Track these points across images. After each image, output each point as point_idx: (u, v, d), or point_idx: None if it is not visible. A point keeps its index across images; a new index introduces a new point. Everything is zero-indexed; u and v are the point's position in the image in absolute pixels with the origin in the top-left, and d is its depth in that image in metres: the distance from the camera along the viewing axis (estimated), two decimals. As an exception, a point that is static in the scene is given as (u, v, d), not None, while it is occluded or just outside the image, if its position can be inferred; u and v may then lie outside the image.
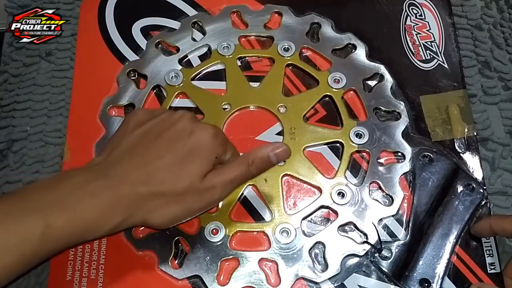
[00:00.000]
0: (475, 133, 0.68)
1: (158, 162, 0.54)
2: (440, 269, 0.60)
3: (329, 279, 0.61)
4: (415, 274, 0.60)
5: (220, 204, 0.63)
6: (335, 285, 0.61)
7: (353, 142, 0.66)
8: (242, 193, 0.64)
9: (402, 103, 0.68)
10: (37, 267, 0.52)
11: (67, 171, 0.54)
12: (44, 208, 0.49)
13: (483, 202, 0.64)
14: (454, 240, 0.62)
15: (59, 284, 0.61)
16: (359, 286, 0.60)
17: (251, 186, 0.65)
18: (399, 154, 0.66)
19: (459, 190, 0.64)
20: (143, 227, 0.62)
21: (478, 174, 0.66)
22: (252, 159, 0.58)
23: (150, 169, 0.54)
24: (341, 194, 0.64)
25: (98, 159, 0.57)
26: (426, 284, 0.60)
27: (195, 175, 0.55)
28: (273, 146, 0.59)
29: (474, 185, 0.64)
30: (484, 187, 0.65)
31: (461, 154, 0.67)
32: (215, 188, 0.56)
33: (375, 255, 0.61)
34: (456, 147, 0.67)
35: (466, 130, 0.68)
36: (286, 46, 0.72)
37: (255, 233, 0.63)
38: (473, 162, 0.66)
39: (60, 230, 0.49)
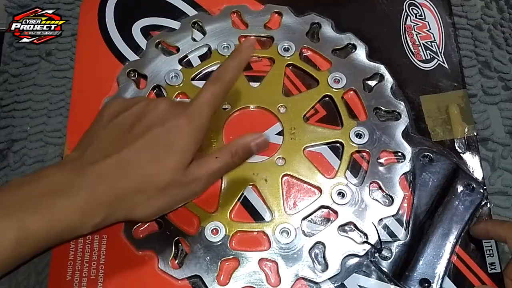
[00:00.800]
0: (475, 133, 0.68)
1: (135, 158, 0.53)
2: (440, 269, 0.60)
3: (329, 279, 0.60)
4: (415, 274, 0.60)
5: (220, 206, 0.64)
6: (335, 285, 0.61)
7: (353, 142, 0.66)
8: (242, 193, 0.64)
9: (402, 103, 0.68)
10: (15, 269, 0.51)
11: (42, 169, 0.52)
12: (19, 210, 0.48)
13: (483, 202, 0.64)
14: (454, 240, 0.62)
15: (59, 284, 0.61)
16: (359, 286, 0.60)
17: (251, 186, 0.65)
18: (399, 154, 0.66)
19: (459, 190, 0.64)
20: (143, 227, 0.62)
21: (478, 174, 0.66)
22: (235, 150, 0.56)
23: (127, 166, 0.52)
24: (341, 194, 0.64)
25: (74, 155, 0.55)
26: (426, 284, 0.60)
27: (176, 169, 0.53)
28: (253, 136, 0.58)
29: (474, 185, 0.64)
30: (484, 187, 0.65)
31: (461, 154, 0.67)
32: (199, 179, 0.55)
33: (375, 255, 0.61)
34: (456, 147, 0.67)
35: (466, 130, 0.68)
36: (286, 46, 0.72)
37: (255, 233, 0.63)
38: (473, 162, 0.66)
39: (36, 232, 0.48)
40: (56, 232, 0.49)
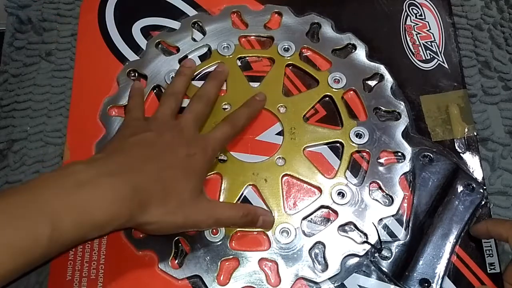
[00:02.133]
0: (475, 133, 0.68)
1: (160, 173, 0.56)
2: (440, 269, 0.60)
3: (329, 279, 0.60)
4: (415, 274, 0.60)
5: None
6: (335, 285, 0.61)
7: (353, 142, 0.66)
8: (242, 193, 0.64)
9: (402, 103, 0.68)
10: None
11: (69, 165, 0.53)
12: (51, 209, 0.47)
13: (483, 202, 0.64)
14: (454, 240, 0.62)
15: (59, 284, 0.61)
16: (359, 286, 0.60)
17: (251, 186, 0.65)
18: (399, 154, 0.66)
19: (459, 190, 0.64)
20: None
21: (478, 174, 0.66)
22: (248, 213, 0.60)
23: (151, 177, 0.55)
24: (341, 194, 0.64)
25: (99, 156, 0.56)
26: (426, 284, 0.60)
27: (192, 191, 0.57)
28: (267, 213, 0.63)
29: (474, 185, 0.64)
30: (484, 187, 0.65)
31: (461, 154, 0.67)
32: (209, 216, 0.58)
33: (375, 255, 0.61)
34: (456, 147, 0.67)
35: (466, 130, 0.68)
36: (286, 46, 0.72)
37: (255, 233, 0.63)
38: (473, 162, 0.67)
39: (67, 232, 0.48)
40: (83, 232, 0.49)
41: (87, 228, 0.49)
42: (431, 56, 0.72)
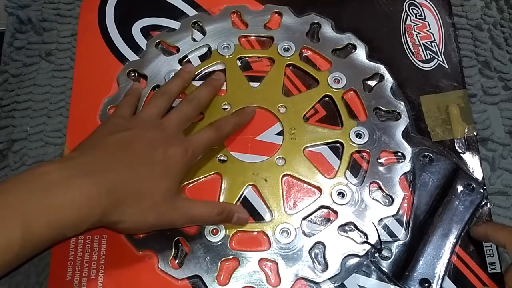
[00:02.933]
0: (475, 133, 0.68)
1: (135, 171, 0.56)
2: (440, 269, 0.60)
3: (329, 279, 0.60)
4: (415, 274, 0.60)
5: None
6: (335, 285, 0.61)
7: (353, 142, 0.66)
8: (242, 193, 0.64)
9: (402, 103, 0.68)
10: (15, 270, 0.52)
11: (40, 166, 0.52)
12: (21, 211, 0.47)
13: (483, 202, 0.64)
14: (454, 240, 0.62)
15: (59, 284, 0.61)
16: (359, 286, 0.60)
17: (251, 186, 0.65)
18: (399, 154, 0.66)
19: (459, 190, 0.64)
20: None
21: (478, 174, 0.66)
22: (222, 210, 0.60)
23: (126, 176, 0.55)
24: (341, 194, 0.64)
25: (74, 155, 0.56)
26: (426, 284, 0.60)
27: (167, 192, 0.57)
28: (241, 210, 0.63)
29: (474, 185, 0.64)
30: (484, 187, 0.65)
31: (461, 154, 0.67)
32: (183, 215, 0.59)
33: (375, 255, 0.61)
34: (456, 147, 0.67)
35: (466, 130, 0.68)
36: (286, 46, 0.72)
37: (255, 233, 0.63)
38: (473, 162, 0.67)
39: (40, 234, 0.48)
40: (56, 232, 0.49)
41: (59, 229, 0.49)
42: (431, 56, 0.72)
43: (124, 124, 0.61)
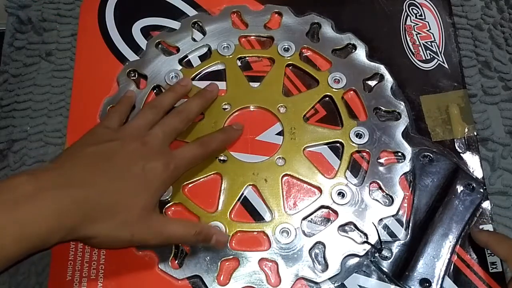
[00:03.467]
0: (475, 133, 0.68)
1: (109, 186, 0.54)
2: (441, 268, 0.60)
3: (329, 279, 0.60)
4: (415, 274, 0.60)
5: (220, 206, 0.64)
6: (335, 285, 0.61)
7: (353, 142, 0.66)
8: (242, 193, 0.64)
9: (402, 103, 0.68)
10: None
11: (14, 177, 0.50)
12: None
13: (483, 202, 0.64)
14: (454, 240, 0.61)
15: (59, 284, 0.61)
16: (359, 286, 0.60)
17: (251, 186, 0.65)
18: (399, 154, 0.66)
19: (459, 190, 0.64)
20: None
21: (478, 174, 0.66)
22: (200, 231, 0.58)
23: (100, 190, 0.53)
24: (341, 194, 0.64)
25: (49, 166, 0.55)
26: (427, 284, 0.60)
27: (143, 208, 0.55)
28: (220, 232, 0.61)
29: (474, 185, 0.64)
30: (484, 187, 0.65)
31: (461, 154, 0.67)
32: (158, 234, 0.57)
33: (375, 255, 0.61)
34: (456, 147, 0.67)
35: (466, 130, 0.68)
36: (286, 46, 0.72)
37: (255, 233, 0.63)
38: (473, 162, 0.67)
39: (8, 247, 0.47)
40: (25, 246, 0.48)
41: (27, 242, 0.48)
42: (431, 56, 0.72)
43: (108, 135, 0.60)
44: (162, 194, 0.60)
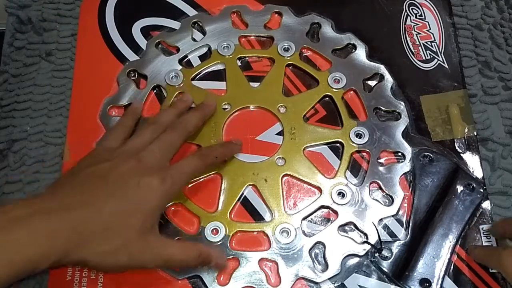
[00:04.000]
0: (475, 133, 0.68)
1: (103, 207, 0.52)
2: (441, 269, 0.60)
3: (329, 279, 0.60)
4: (415, 274, 0.60)
5: (220, 206, 0.64)
6: (335, 285, 0.61)
7: (353, 142, 0.66)
8: (242, 193, 0.65)
9: (402, 103, 0.68)
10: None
11: (7, 202, 0.51)
12: None
13: (483, 202, 0.64)
14: (454, 240, 0.61)
15: (59, 284, 0.61)
16: (359, 286, 0.60)
17: (251, 186, 0.65)
18: (399, 154, 0.66)
19: (459, 190, 0.64)
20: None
21: (478, 174, 0.66)
22: (201, 253, 0.56)
23: (94, 211, 0.51)
24: (341, 194, 0.64)
25: (44, 192, 0.54)
26: (427, 284, 0.60)
27: (140, 229, 0.53)
28: (220, 255, 0.59)
29: (474, 185, 0.64)
30: (484, 187, 0.65)
31: (461, 154, 0.67)
32: (157, 257, 0.54)
33: (375, 255, 0.61)
34: (456, 147, 0.67)
35: (466, 130, 0.68)
36: (286, 46, 0.72)
37: (255, 233, 0.63)
38: (473, 162, 0.67)
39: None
40: (15, 270, 0.47)
41: (19, 267, 0.47)
42: (431, 56, 0.72)
43: (104, 155, 0.58)
44: (161, 213, 0.58)
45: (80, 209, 0.50)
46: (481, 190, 0.64)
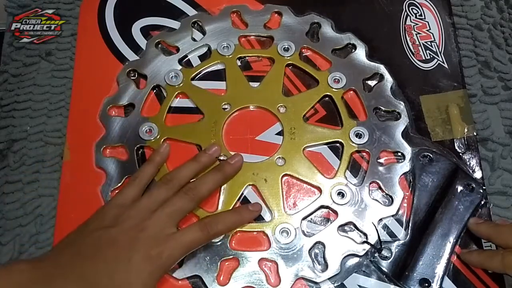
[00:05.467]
0: (475, 133, 0.68)
1: (100, 281, 0.52)
2: (440, 269, 0.60)
3: (329, 279, 0.61)
4: (415, 274, 0.60)
5: (220, 206, 0.64)
6: (335, 285, 0.61)
7: (353, 142, 0.66)
8: (242, 193, 0.64)
9: (402, 103, 0.69)
10: None
11: (15, 263, 0.52)
12: None
13: (483, 202, 0.64)
14: (454, 240, 0.61)
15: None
16: (359, 286, 0.60)
17: (251, 186, 0.65)
18: (399, 154, 0.66)
19: (459, 190, 0.64)
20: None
21: (478, 174, 0.66)
22: None
23: (89, 285, 0.52)
24: (341, 194, 0.64)
25: (49, 255, 0.55)
26: (426, 284, 0.60)
27: None
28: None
29: (474, 185, 0.64)
30: (484, 187, 0.65)
31: (460, 154, 0.67)
32: None
33: (375, 255, 0.61)
34: (456, 147, 0.67)
35: (466, 130, 0.68)
36: (286, 46, 0.72)
37: (255, 233, 0.63)
38: (473, 162, 0.67)
39: None
40: None
41: None
42: (431, 56, 0.72)
43: (112, 218, 0.56)
44: (154, 285, 0.54)
45: (78, 282, 0.51)
46: (481, 191, 0.64)
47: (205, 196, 0.61)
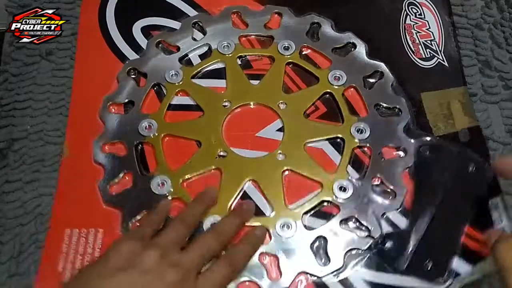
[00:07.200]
0: (478, 125, 0.68)
1: None
2: (449, 251, 0.60)
3: (331, 273, 0.60)
4: (420, 261, 0.59)
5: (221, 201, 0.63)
6: (337, 279, 0.60)
7: (354, 138, 0.66)
8: (242, 188, 0.64)
9: (402, 98, 0.68)
10: None
11: None
12: None
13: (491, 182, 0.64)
14: (463, 221, 0.61)
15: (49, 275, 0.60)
16: (362, 279, 0.60)
17: (251, 181, 0.64)
18: (401, 148, 0.66)
19: (467, 171, 0.64)
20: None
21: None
22: None
23: None
24: (342, 188, 0.63)
25: None
26: (433, 267, 0.59)
27: None
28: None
29: (481, 165, 0.65)
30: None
31: (465, 143, 0.67)
32: None
33: (378, 247, 0.61)
34: (460, 138, 0.66)
35: (468, 122, 0.67)
36: (286, 45, 0.72)
37: (255, 229, 0.62)
38: (478, 146, 0.67)
39: None
40: None
41: None
42: (431, 55, 0.73)
43: (137, 255, 0.52)
44: None
45: None
46: (489, 169, 0.64)
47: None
